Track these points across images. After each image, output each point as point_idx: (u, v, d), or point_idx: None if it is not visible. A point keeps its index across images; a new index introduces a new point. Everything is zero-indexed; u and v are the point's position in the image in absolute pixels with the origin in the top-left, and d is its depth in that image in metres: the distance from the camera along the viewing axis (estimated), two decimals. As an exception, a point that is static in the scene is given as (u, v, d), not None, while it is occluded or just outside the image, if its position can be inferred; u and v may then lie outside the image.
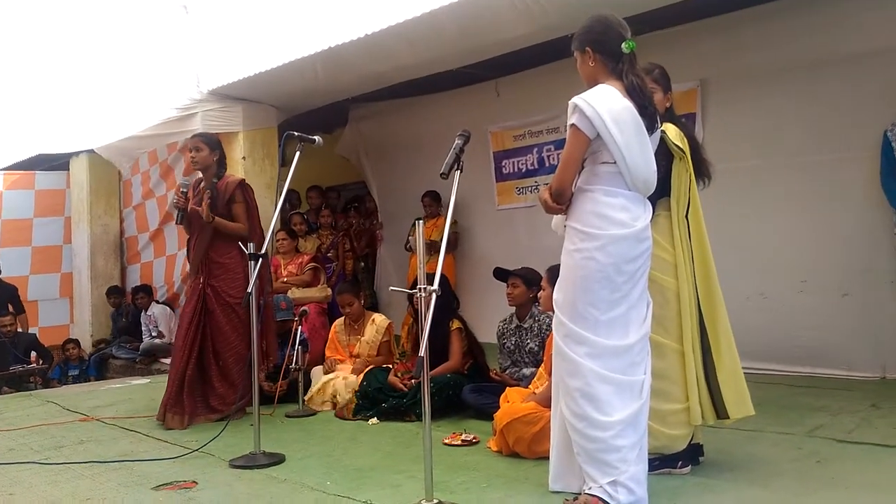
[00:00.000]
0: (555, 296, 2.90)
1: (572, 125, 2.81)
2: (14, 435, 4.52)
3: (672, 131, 3.19)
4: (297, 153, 4.08)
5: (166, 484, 3.34)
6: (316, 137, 4.19)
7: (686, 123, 3.40)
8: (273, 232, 4.05)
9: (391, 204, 8.45)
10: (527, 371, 4.54)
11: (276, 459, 3.66)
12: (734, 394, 3.17)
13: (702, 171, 3.34)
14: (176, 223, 4.88)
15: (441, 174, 3.05)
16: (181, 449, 3.96)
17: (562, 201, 2.89)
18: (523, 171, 7.26)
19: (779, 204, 5.23)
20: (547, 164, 7.03)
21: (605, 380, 2.74)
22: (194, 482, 3.35)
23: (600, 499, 2.68)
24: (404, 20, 5.42)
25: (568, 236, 2.89)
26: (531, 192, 7.20)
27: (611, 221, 2.78)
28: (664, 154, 3.12)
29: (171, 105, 7.40)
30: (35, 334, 8.43)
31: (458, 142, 3.13)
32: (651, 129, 2.89)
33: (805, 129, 5.15)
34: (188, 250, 4.95)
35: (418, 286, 2.90)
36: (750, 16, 5.38)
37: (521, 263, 4.85)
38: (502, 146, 7.30)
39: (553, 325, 2.92)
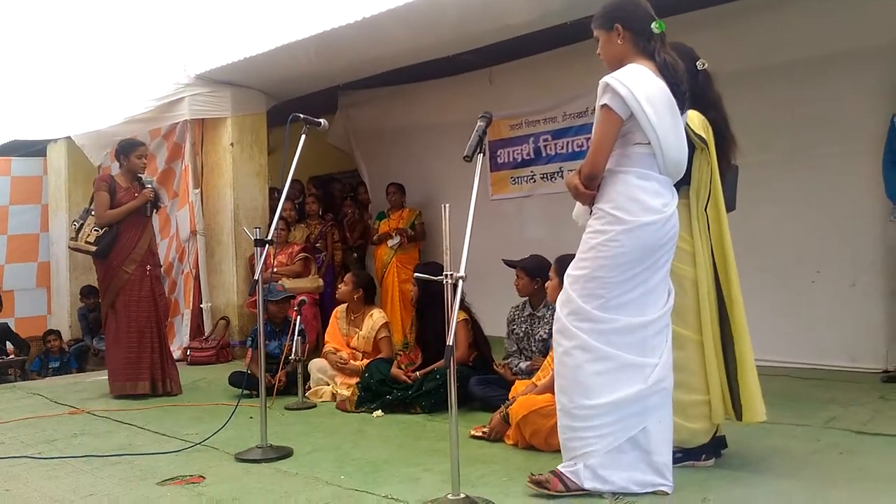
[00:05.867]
0: (569, 271, 2.81)
1: (604, 105, 2.72)
2: (2, 428, 4.33)
3: (695, 120, 3.09)
4: (303, 137, 3.92)
5: (172, 479, 3.20)
6: (322, 120, 4.04)
7: (718, 101, 3.25)
8: (279, 219, 3.90)
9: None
10: (523, 365, 4.47)
11: (284, 453, 3.52)
12: (750, 395, 3.06)
13: (726, 153, 3.24)
14: (146, 215, 5.33)
15: (465, 157, 2.94)
16: (181, 442, 3.81)
17: (593, 186, 2.79)
18: (519, 160, 7.17)
19: (789, 196, 5.20)
20: (543, 154, 6.95)
21: (604, 356, 2.66)
22: (202, 477, 3.21)
23: (561, 476, 2.69)
24: (404, 3, 5.30)
25: (595, 216, 2.79)
26: (526, 182, 7.12)
27: (643, 207, 2.70)
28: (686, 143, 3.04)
29: (157, 90, 7.19)
30: (6, 324, 8.15)
31: (480, 124, 3.03)
32: (682, 109, 2.82)
33: (814, 122, 5.12)
34: (125, 243, 5.22)
35: (444, 272, 2.78)
36: (753, 7, 5.32)
37: (514, 254, 4.78)
38: (498, 135, 7.20)
39: (559, 302, 2.82)
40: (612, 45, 2.85)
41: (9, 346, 7.76)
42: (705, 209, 3.07)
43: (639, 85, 2.69)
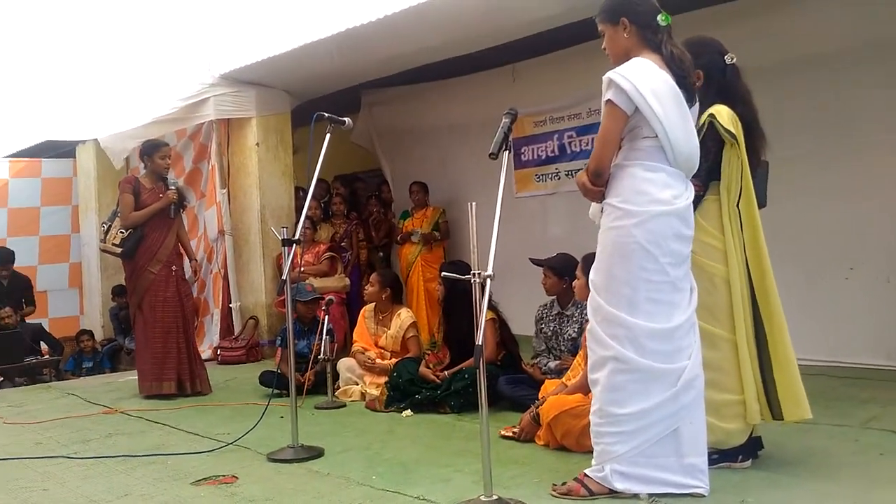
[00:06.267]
0: (591, 277, 2.79)
1: (608, 101, 2.70)
2: (38, 428, 4.40)
3: (724, 115, 3.02)
4: (328, 136, 3.92)
5: (205, 479, 3.22)
6: (346, 119, 4.03)
7: (747, 95, 3.18)
8: (304, 219, 3.91)
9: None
10: (552, 364, 4.44)
11: (316, 453, 3.53)
12: (790, 393, 2.99)
13: (756, 148, 3.17)
14: (170, 216, 5.35)
15: (490, 154, 2.90)
16: (213, 442, 3.84)
17: (600, 182, 2.76)
18: (543, 157, 7.11)
19: (821, 191, 5.10)
20: (568, 151, 6.89)
21: (636, 367, 2.64)
22: (235, 476, 3.23)
23: (584, 481, 2.71)
24: (426, 0, 5.27)
25: (605, 214, 2.77)
26: (551, 179, 7.07)
27: (651, 198, 2.66)
28: (715, 139, 2.99)
29: (182, 90, 7.24)
30: (40, 324, 8.27)
31: (505, 120, 3.00)
32: (690, 101, 2.77)
33: (845, 115, 5.01)
34: (150, 244, 5.26)
35: (472, 272, 2.77)
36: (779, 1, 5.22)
37: (539, 252, 4.74)
38: (522, 132, 7.14)
39: (589, 310, 2.80)
40: (619, 39, 2.81)
41: (43, 346, 7.87)
42: (737, 205, 3.02)
43: (643, 79, 2.65)
